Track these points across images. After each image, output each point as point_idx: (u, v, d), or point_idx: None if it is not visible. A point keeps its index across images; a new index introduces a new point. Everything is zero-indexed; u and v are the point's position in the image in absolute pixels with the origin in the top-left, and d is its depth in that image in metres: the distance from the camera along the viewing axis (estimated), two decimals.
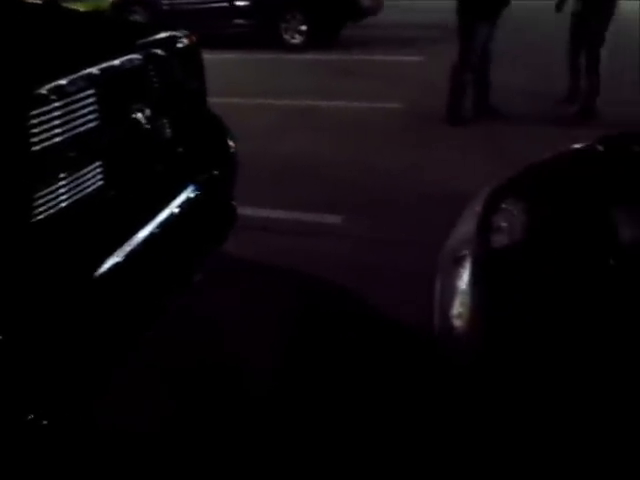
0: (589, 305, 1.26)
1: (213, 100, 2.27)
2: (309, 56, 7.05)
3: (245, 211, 2.40)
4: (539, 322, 1.28)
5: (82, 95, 1.55)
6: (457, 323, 1.43)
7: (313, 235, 2.95)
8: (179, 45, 2.00)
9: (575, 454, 1.05)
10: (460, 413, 1.34)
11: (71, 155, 1.53)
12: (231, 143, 2.25)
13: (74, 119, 1.53)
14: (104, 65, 1.65)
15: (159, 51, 1.88)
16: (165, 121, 1.92)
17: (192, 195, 1.94)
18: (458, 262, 1.53)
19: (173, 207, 1.86)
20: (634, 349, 1.12)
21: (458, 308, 1.44)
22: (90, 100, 1.57)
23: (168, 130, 1.94)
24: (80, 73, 1.56)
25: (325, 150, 4.04)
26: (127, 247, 1.65)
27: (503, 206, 1.71)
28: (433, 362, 1.59)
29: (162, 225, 1.78)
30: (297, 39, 7.50)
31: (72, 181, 1.54)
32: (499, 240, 1.56)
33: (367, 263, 2.67)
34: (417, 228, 2.91)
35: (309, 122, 4.68)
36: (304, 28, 7.42)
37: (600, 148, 1.79)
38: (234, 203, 2.29)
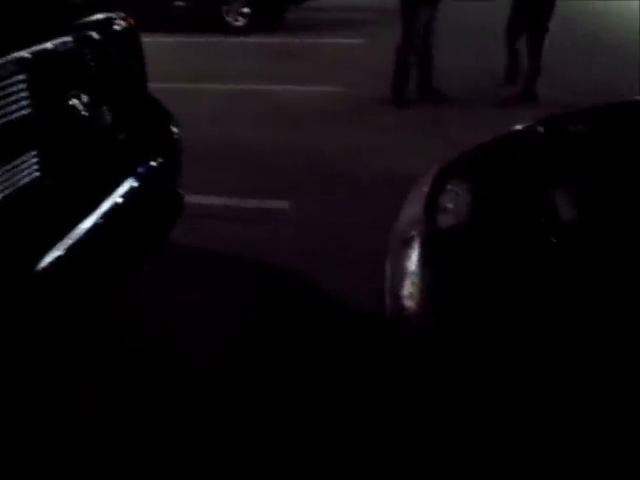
0: (532, 283, 1.30)
1: (154, 85, 2.20)
2: (252, 39, 6.95)
3: (190, 199, 2.36)
4: (485, 301, 1.31)
5: (12, 81, 1.47)
6: (408, 304, 1.45)
7: (260, 221, 2.92)
8: (116, 27, 1.93)
9: (526, 430, 1.08)
10: (413, 392, 1.36)
11: (1, 145, 1.45)
12: (174, 129, 2.19)
13: (3, 107, 1.45)
14: (36, 48, 1.57)
15: (95, 34, 1.80)
16: (104, 107, 1.85)
17: (136, 184, 1.89)
18: (407, 243, 1.55)
19: (116, 197, 1.80)
20: (577, 324, 1.16)
21: (408, 289, 1.45)
22: (21, 86, 1.49)
23: (107, 117, 1.87)
24: (9, 57, 1.48)
25: (269, 135, 4.00)
26: (69, 240, 1.59)
27: (449, 187, 1.74)
28: (385, 343, 1.61)
29: (105, 216, 1.72)
30: (240, 22, 7.37)
31: (4, 173, 1.47)
32: (446, 221, 1.59)
33: (315, 248, 2.67)
34: (364, 211, 2.93)
35: (253, 107, 4.62)
36: (247, 10, 7.29)
37: (540, 129, 1.84)
38: (180, 191, 2.24)
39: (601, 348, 1.10)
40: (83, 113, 1.72)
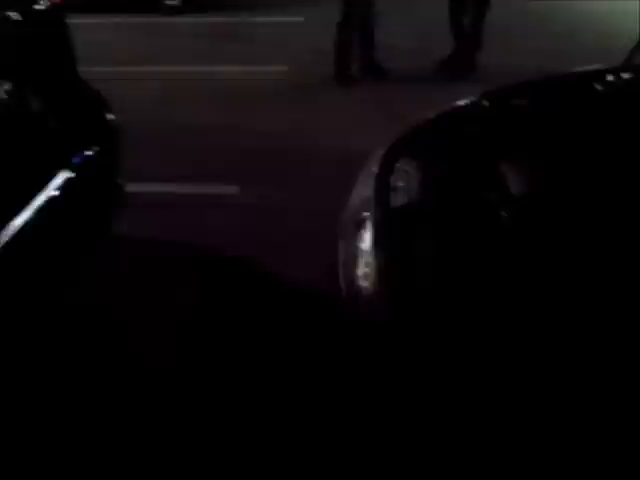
0: (486, 257, 1.30)
1: (86, 70, 2.08)
2: (189, 19, 6.71)
3: (134, 188, 2.26)
4: (440, 279, 1.31)
5: None
6: (363, 285, 1.43)
7: (209, 207, 2.84)
8: (38, 7, 1.80)
9: (487, 412, 1.08)
10: (373, 371, 1.34)
11: None
12: (111, 116, 2.08)
13: None
14: None
15: (14, 15, 1.68)
16: (28, 94, 1.73)
17: (70, 175, 1.78)
18: (360, 225, 1.52)
19: (50, 190, 1.70)
20: (530, 298, 1.16)
21: (363, 270, 1.43)
22: None
23: (33, 105, 1.75)
24: None
25: (213, 118, 3.89)
26: (1, 237, 1.49)
27: (398, 166, 1.72)
28: (341, 325, 1.59)
29: (39, 211, 1.62)
30: (175, 1, 7.10)
31: None
32: (397, 200, 1.57)
33: (267, 231, 2.62)
34: (316, 192, 2.89)
35: (194, 89, 4.48)
36: None
37: (485, 103, 1.84)
38: (121, 181, 2.14)
39: (557, 323, 1.10)
40: (7, 102, 1.60)
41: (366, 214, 1.54)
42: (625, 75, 1.79)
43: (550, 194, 1.37)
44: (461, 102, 1.85)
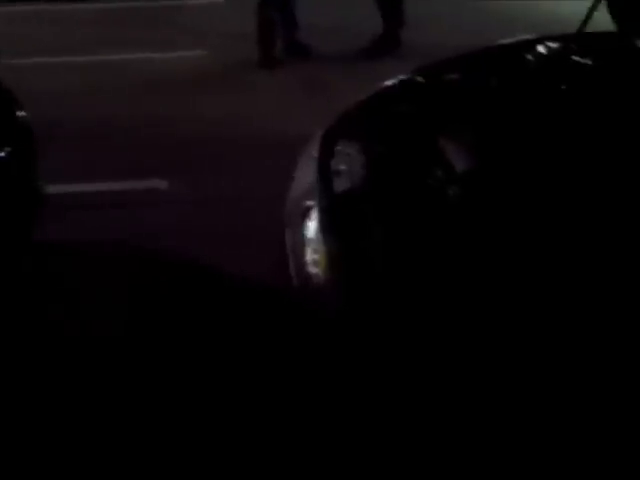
0: (434, 237, 1.29)
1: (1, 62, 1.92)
2: (98, 5, 6.37)
3: (58, 189, 2.12)
4: (390, 262, 1.29)
5: None
6: (314, 275, 1.39)
7: (140, 205, 2.71)
8: None
9: (442, 401, 1.06)
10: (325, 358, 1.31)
11: None
12: (22, 113, 1.93)
13: None
14: None
15: None
16: None
17: None
18: (306, 214, 1.48)
19: None
20: (481, 277, 1.15)
21: (313, 260, 1.40)
22: None
23: None
24: None
25: (139, 108, 3.71)
26: None
27: (338, 149, 1.69)
28: (293, 316, 1.55)
29: None
30: None
31: None
32: (341, 185, 1.53)
33: (205, 225, 2.53)
34: (254, 180, 2.82)
35: (117, 78, 4.25)
36: None
37: (419, 79, 1.83)
38: (39, 183, 2.00)
39: (510, 304, 1.10)
40: None
41: (312, 203, 1.50)
42: (555, 44, 1.82)
43: (494, 168, 1.37)
44: (395, 79, 1.82)
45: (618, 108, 1.44)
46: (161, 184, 2.88)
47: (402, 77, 1.83)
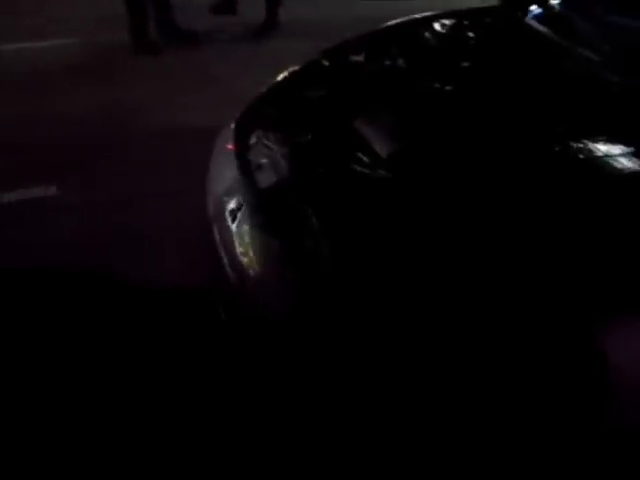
0: (363, 220, 1.28)
1: None
2: None
3: None
4: (331, 251, 1.27)
5: None
6: (254, 273, 1.35)
7: (28, 216, 2.45)
8: None
9: (399, 402, 1.05)
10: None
11: None
12: None
13: None
14: None
15: None
16: None
17: None
18: (234, 214, 1.43)
19: None
20: (413, 259, 1.15)
21: (250, 257, 1.35)
22: None
23: None
24: None
25: (11, 105, 3.35)
26: None
27: (255, 141, 1.64)
28: (234, 320, 1.50)
29: None
30: None
31: None
32: (265, 178, 1.49)
33: (108, 232, 2.34)
34: (147, 179, 2.66)
35: None
36: None
37: (326, 62, 1.81)
38: None
39: (442, 286, 1.09)
40: None
41: (238, 201, 1.45)
42: (449, 20, 1.87)
43: (415, 146, 1.39)
44: (304, 63, 1.79)
45: (509, 77, 1.53)
46: (49, 191, 2.62)
47: (309, 61, 1.80)
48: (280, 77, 1.83)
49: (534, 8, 1.91)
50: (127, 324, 1.92)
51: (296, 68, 1.82)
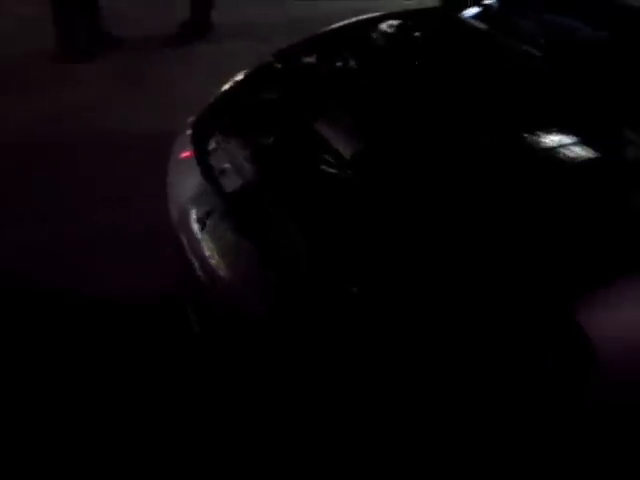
0: (335, 219, 1.29)
1: None
2: None
3: None
4: (308, 251, 1.28)
5: None
6: (229, 279, 1.33)
7: None
8: None
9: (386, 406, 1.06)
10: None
11: None
12: None
13: None
14: None
15: None
16: None
17: None
18: (202, 221, 1.41)
19: None
20: (385, 256, 1.16)
21: (225, 267, 1.34)
22: None
23: None
24: None
25: None
26: None
27: (215, 146, 1.62)
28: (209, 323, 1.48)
29: None
30: None
31: None
32: (231, 183, 1.48)
33: (62, 252, 2.22)
34: (93, 189, 2.58)
35: None
36: None
37: (278, 65, 1.81)
38: None
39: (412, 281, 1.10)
40: None
41: (205, 207, 1.43)
42: (396, 21, 1.91)
43: (376, 146, 1.41)
44: (258, 66, 1.79)
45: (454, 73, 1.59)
46: None
47: (262, 64, 1.80)
48: (233, 81, 1.82)
49: (473, 8, 1.98)
50: (93, 334, 1.87)
51: (249, 71, 1.82)
